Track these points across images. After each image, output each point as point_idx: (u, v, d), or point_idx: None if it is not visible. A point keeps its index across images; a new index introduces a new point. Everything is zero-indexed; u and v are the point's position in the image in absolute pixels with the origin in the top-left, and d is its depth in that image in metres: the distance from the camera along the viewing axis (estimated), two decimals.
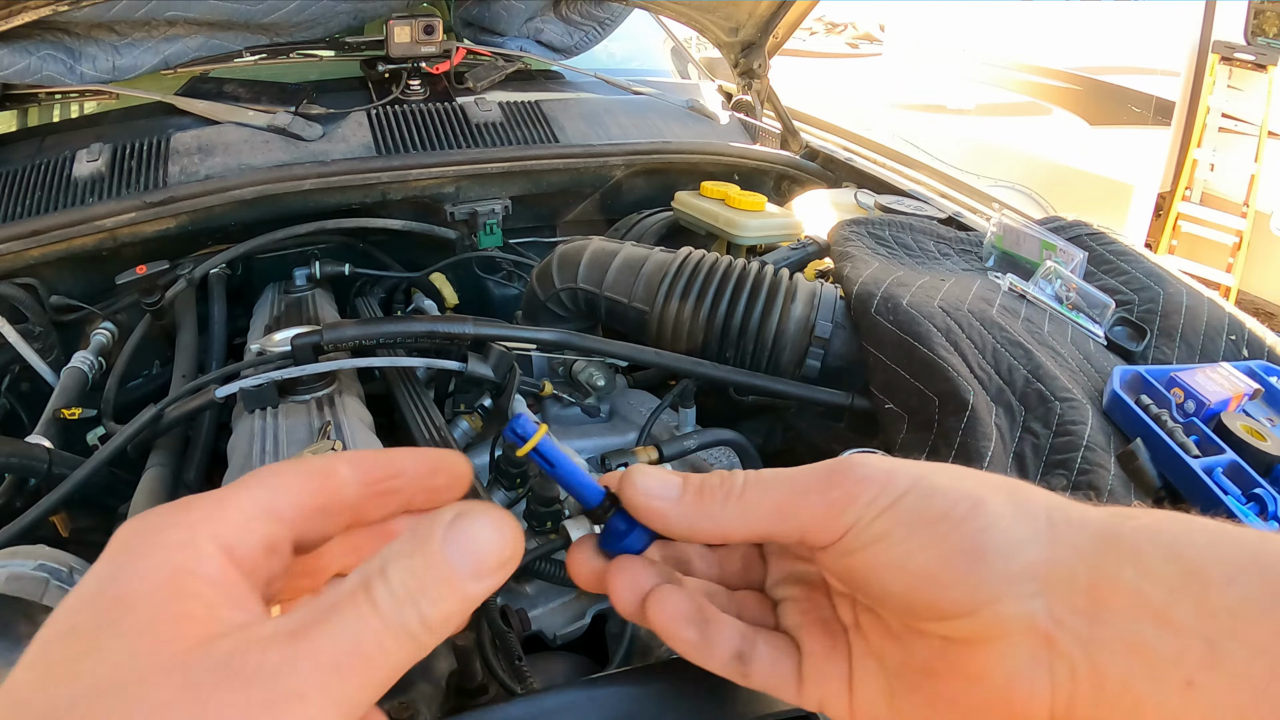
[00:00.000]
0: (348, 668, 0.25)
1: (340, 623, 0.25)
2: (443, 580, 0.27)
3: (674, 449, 0.95)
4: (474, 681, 0.69)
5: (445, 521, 0.28)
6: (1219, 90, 3.89)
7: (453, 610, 0.27)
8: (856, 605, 0.37)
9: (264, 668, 0.24)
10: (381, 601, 0.26)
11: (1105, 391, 0.93)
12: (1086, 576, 0.31)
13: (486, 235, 1.52)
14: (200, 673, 0.24)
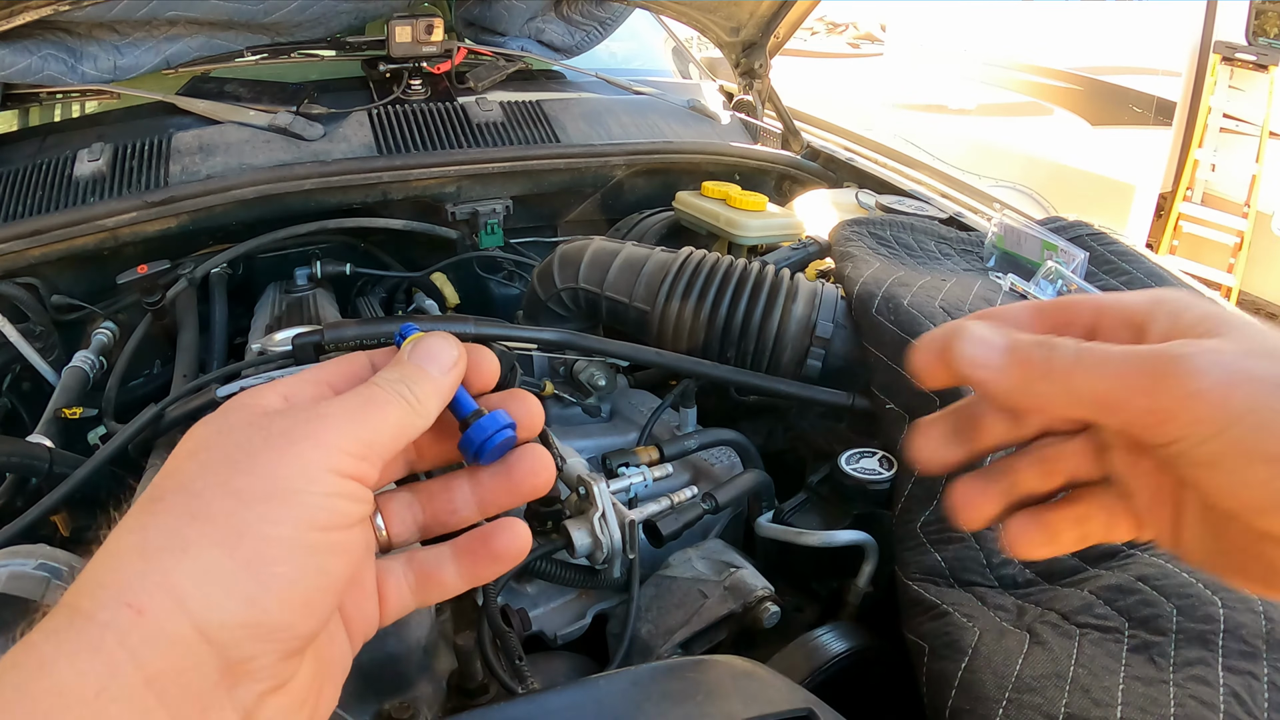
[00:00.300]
0: (365, 408, 0.35)
1: (354, 391, 0.36)
2: (417, 371, 0.38)
3: (675, 449, 0.95)
4: (475, 681, 0.69)
5: (407, 348, 0.39)
6: (1220, 90, 3.89)
7: (429, 390, 0.37)
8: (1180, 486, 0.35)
9: (307, 410, 0.34)
10: (379, 381, 0.37)
11: None
12: None
13: (487, 235, 1.52)
14: (262, 417, 0.34)
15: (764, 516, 0.95)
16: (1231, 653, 0.59)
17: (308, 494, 0.32)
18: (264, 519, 0.30)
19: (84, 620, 0.28)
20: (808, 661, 0.74)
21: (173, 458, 0.33)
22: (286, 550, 0.31)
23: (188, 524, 0.30)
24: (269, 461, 0.32)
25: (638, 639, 0.83)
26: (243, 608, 0.29)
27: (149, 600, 0.28)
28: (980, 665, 0.64)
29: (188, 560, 0.29)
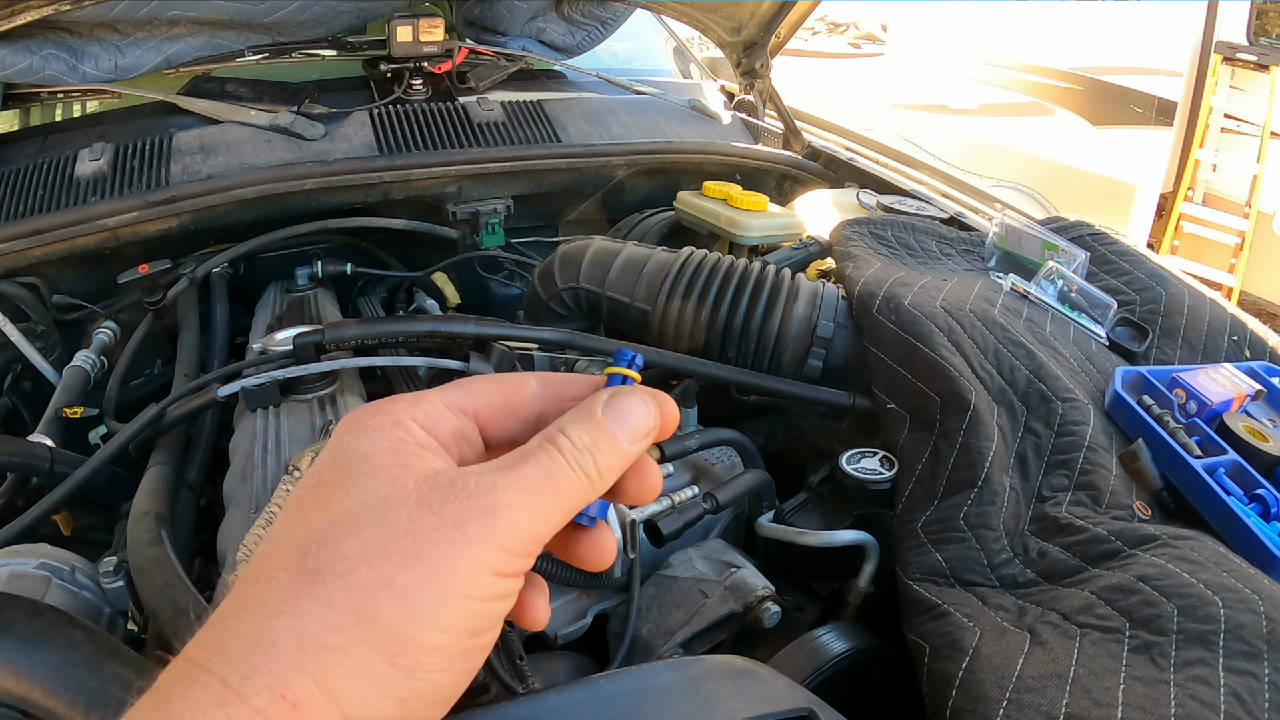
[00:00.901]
0: (544, 491, 0.33)
1: (535, 461, 0.33)
2: (608, 440, 0.35)
3: (676, 448, 0.95)
4: (475, 681, 0.69)
5: (603, 400, 0.36)
6: (1221, 90, 3.89)
7: (615, 463, 0.35)
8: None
9: (481, 486, 0.32)
10: (565, 449, 0.34)
11: (1107, 392, 0.93)
12: None
13: (488, 235, 1.52)
14: (430, 492, 0.31)
15: (765, 516, 0.95)
16: (1232, 653, 0.59)
17: (472, 600, 0.31)
18: (427, 627, 0.30)
19: (236, 701, 0.28)
20: (808, 661, 0.74)
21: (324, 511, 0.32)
22: (444, 659, 0.30)
23: (352, 624, 0.29)
24: (437, 559, 0.30)
25: (638, 639, 0.83)
26: (393, 708, 0.30)
27: (304, 695, 0.28)
28: (981, 665, 0.64)
29: (347, 662, 0.29)
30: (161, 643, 0.70)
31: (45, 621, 0.56)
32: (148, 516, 0.83)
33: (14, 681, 0.53)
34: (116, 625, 0.80)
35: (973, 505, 0.79)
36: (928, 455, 0.86)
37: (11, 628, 0.55)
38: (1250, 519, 0.76)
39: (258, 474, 0.87)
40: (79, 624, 0.58)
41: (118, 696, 0.53)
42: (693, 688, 0.50)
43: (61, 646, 0.55)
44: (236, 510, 0.85)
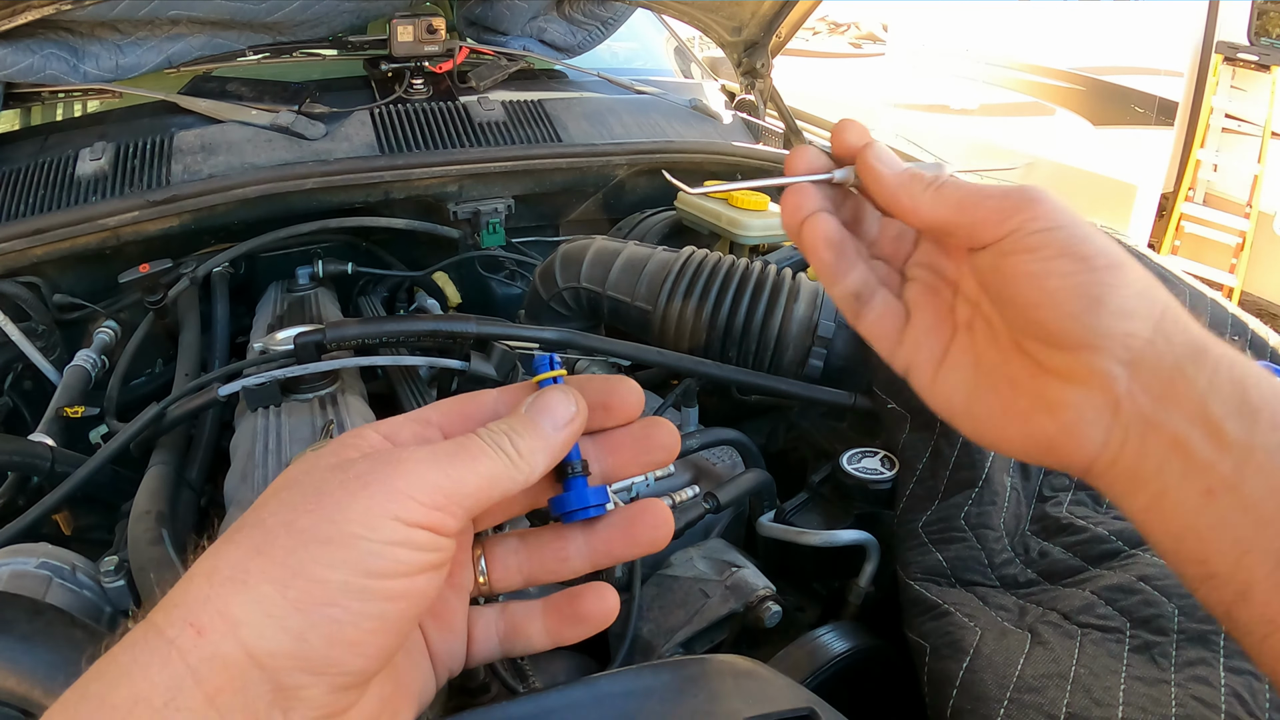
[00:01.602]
0: (455, 455, 0.35)
1: (453, 440, 0.37)
2: (526, 424, 0.38)
3: None
4: (476, 680, 0.69)
5: (528, 401, 0.39)
6: (1222, 91, 3.88)
7: (537, 445, 0.38)
8: (976, 311, 0.42)
9: (392, 453, 0.35)
10: (480, 432, 0.37)
11: None
12: (1170, 369, 0.35)
13: (489, 234, 1.52)
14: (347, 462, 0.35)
15: (765, 516, 0.95)
16: (1233, 653, 0.59)
17: (366, 541, 0.32)
18: (318, 561, 0.32)
19: (156, 634, 0.31)
20: (809, 661, 0.74)
21: (266, 490, 0.35)
22: (337, 593, 0.32)
23: (251, 558, 0.32)
24: (335, 504, 0.33)
25: (639, 638, 0.83)
26: (289, 641, 0.31)
27: (209, 623, 0.30)
28: (981, 665, 0.64)
29: (245, 592, 0.31)
30: None
31: (46, 621, 0.57)
32: (148, 516, 0.83)
33: (15, 680, 0.53)
34: (117, 624, 0.80)
35: (973, 505, 0.79)
36: (929, 455, 0.86)
37: (12, 627, 0.55)
38: None
39: (259, 473, 0.87)
40: (80, 623, 0.58)
41: None
42: (693, 687, 0.50)
43: (62, 646, 0.55)
44: (237, 510, 0.85)
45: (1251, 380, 0.35)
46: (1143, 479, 0.36)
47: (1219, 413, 0.34)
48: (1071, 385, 0.37)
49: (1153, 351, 0.36)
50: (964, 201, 0.39)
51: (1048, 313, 0.37)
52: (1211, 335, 0.37)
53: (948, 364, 0.43)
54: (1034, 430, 0.39)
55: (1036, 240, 0.37)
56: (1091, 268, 0.36)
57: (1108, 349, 0.36)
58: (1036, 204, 0.38)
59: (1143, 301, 0.36)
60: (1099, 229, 0.38)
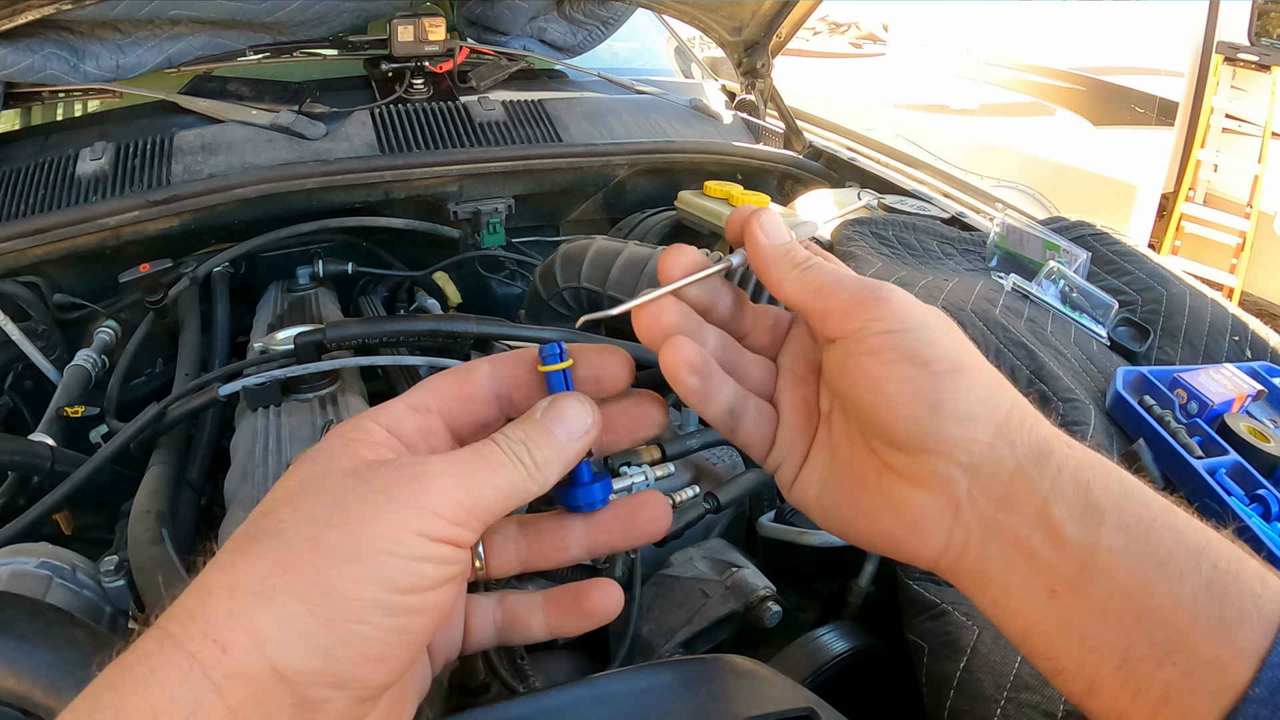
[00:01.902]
0: (475, 466, 0.35)
1: (470, 448, 0.36)
2: (543, 434, 0.38)
3: (676, 448, 0.95)
4: (476, 680, 0.69)
5: (543, 406, 0.39)
6: (1222, 91, 3.88)
7: (552, 456, 0.37)
8: (835, 403, 0.42)
9: (413, 461, 0.35)
10: (499, 440, 0.37)
11: (1108, 392, 0.93)
12: (1011, 473, 0.36)
13: (489, 234, 1.52)
14: (365, 468, 0.34)
15: (766, 516, 0.95)
16: None
17: (393, 557, 0.32)
18: (346, 578, 0.31)
19: (174, 647, 0.30)
20: (809, 661, 0.74)
21: (273, 493, 0.35)
22: (366, 610, 0.32)
23: (276, 573, 0.31)
24: (360, 519, 0.32)
25: (639, 638, 0.83)
26: (318, 658, 0.31)
27: (232, 639, 0.30)
28: (979, 665, 0.64)
29: (271, 609, 0.31)
30: None
31: (46, 620, 0.57)
32: (149, 515, 0.83)
33: (14, 680, 0.53)
34: (117, 624, 0.80)
35: None
36: None
37: (12, 626, 0.55)
38: (1251, 519, 0.76)
39: (259, 473, 0.87)
40: (80, 623, 0.58)
41: None
42: (694, 687, 0.50)
43: (62, 645, 0.55)
44: (238, 509, 0.85)
45: (1098, 482, 0.35)
46: (987, 577, 0.37)
47: (1060, 516, 0.34)
48: (914, 487, 0.38)
49: (993, 456, 0.36)
50: (822, 289, 0.39)
51: (887, 416, 0.37)
52: (1060, 435, 0.37)
53: (809, 460, 0.43)
54: (879, 528, 0.40)
55: (880, 342, 0.37)
56: (932, 373, 0.36)
57: (947, 454, 0.36)
58: (884, 303, 0.38)
59: (984, 406, 0.36)
60: (949, 330, 0.38)
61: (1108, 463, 0.36)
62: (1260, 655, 0.31)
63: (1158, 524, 0.34)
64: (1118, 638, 0.33)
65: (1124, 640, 0.33)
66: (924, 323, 0.37)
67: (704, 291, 0.43)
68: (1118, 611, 0.33)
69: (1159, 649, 0.32)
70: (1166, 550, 0.33)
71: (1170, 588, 0.32)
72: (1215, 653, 0.31)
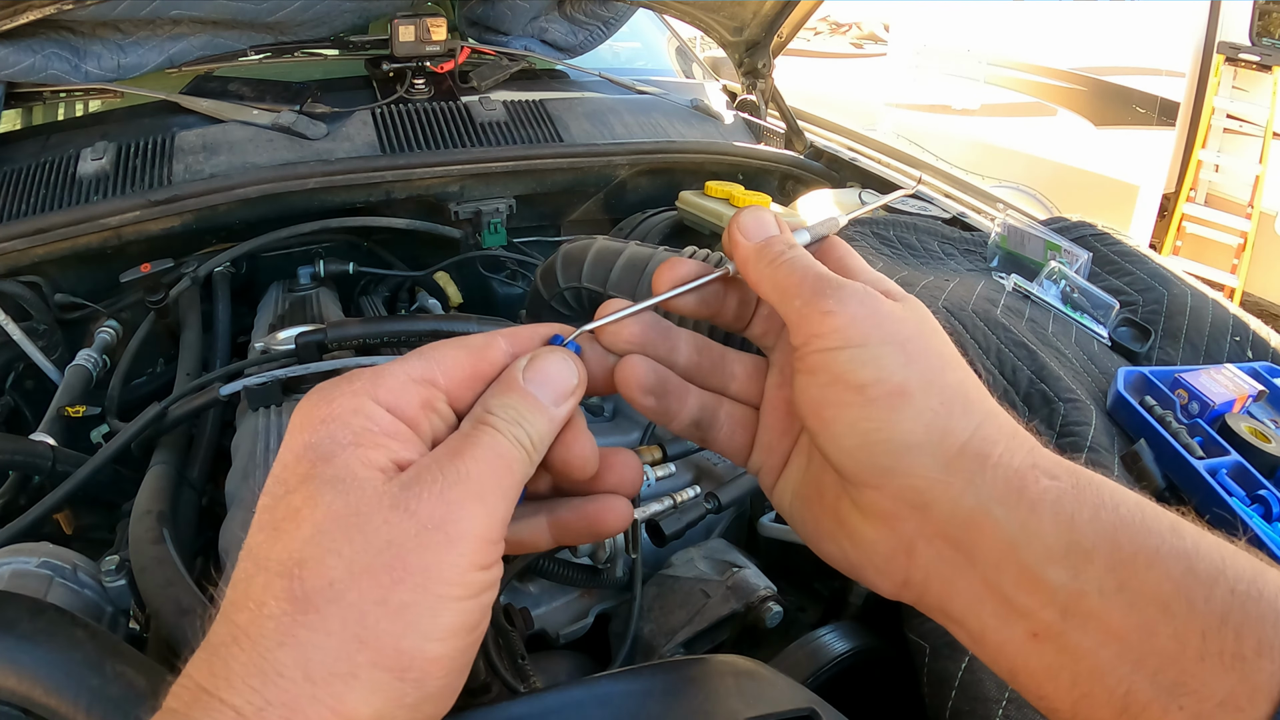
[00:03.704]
0: (498, 469, 0.32)
1: (481, 442, 0.33)
2: (533, 408, 0.35)
3: (677, 448, 0.95)
4: (477, 680, 0.69)
5: (521, 365, 0.36)
6: (1224, 91, 3.88)
7: (545, 430, 0.35)
8: None
9: (448, 478, 0.31)
10: (499, 426, 0.33)
11: (1109, 392, 0.93)
12: (969, 512, 0.33)
13: (491, 234, 1.52)
14: (401, 491, 0.31)
15: (766, 516, 0.95)
16: None
17: (465, 601, 0.31)
18: (429, 638, 0.30)
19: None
20: (810, 661, 0.73)
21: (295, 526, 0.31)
22: (448, 664, 0.31)
23: (355, 649, 0.29)
24: (424, 569, 0.30)
25: (640, 638, 0.83)
26: (406, 714, 0.30)
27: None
28: (980, 665, 0.64)
29: (359, 687, 0.29)
30: (164, 642, 0.70)
31: (47, 620, 0.56)
32: (149, 515, 0.83)
33: (15, 680, 0.53)
34: (118, 624, 0.80)
35: None
36: None
37: (13, 626, 0.55)
38: (1252, 520, 0.76)
39: (260, 473, 0.87)
40: (81, 623, 0.58)
41: (119, 695, 0.53)
42: (694, 687, 0.50)
43: (63, 645, 0.55)
44: (239, 509, 0.85)
45: (1085, 515, 0.31)
46: (956, 617, 0.34)
47: (1034, 560, 0.31)
48: (865, 519, 0.36)
49: (947, 494, 0.33)
50: (786, 289, 0.36)
51: (827, 443, 0.35)
52: (1042, 462, 0.33)
53: (789, 466, 0.41)
54: (839, 552, 0.38)
55: (816, 361, 0.35)
56: (867, 399, 0.33)
57: (891, 490, 0.34)
58: (827, 317, 0.35)
59: (931, 435, 0.33)
60: (905, 343, 0.35)
61: (1103, 488, 0.32)
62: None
63: (1162, 554, 0.30)
64: (1115, 684, 0.30)
65: (1122, 687, 0.29)
66: (866, 339, 0.34)
67: (704, 298, 0.41)
68: (1113, 658, 0.30)
69: (1164, 692, 0.29)
70: (1172, 584, 0.29)
71: (1176, 628, 0.29)
72: (1228, 691, 0.28)
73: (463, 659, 0.32)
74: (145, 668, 0.56)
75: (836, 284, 0.36)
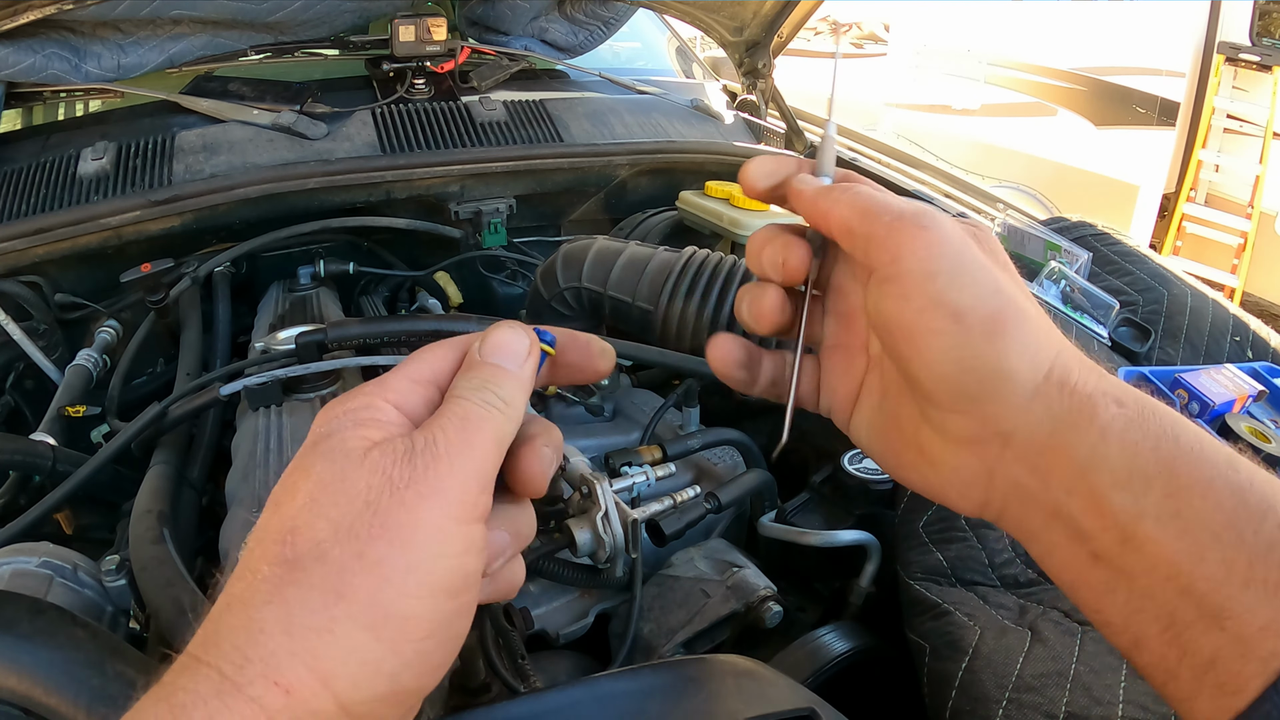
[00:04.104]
0: (468, 432, 0.34)
1: (447, 412, 0.34)
2: (495, 371, 0.36)
3: (678, 448, 0.95)
4: (477, 680, 0.69)
5: (476, 346, 0.38)
6: (1224, 91, 3.88)
7: (513, 387, 0.36)
8: None
9: (416, 444, 0.33)
10: (465, 394, 0.35)
11: None
12: (1046, 438, 0.34)
13: (491, 234, 1.52)
14: (381, 457, 0.32)
15: (766, 516, 0.95)
16: None
17: (444, 558, 0.31)
18: (405, 594, 0.30)
19: (233, 692, 0.29)
20: (810, 661, 0.74)
21: (290, 495, 0.32)
22: (426, 626, 0.31)
23: (333, 603, 0.30)
24: (400, 525, 0.31)
25: (640, 638, 0.83)
26: (384, 684, 0.30)
27: (296, 680, 0.29)
28: (980, 665, 0.64)
29: (334, 643, 0.29)
30: (164, 641, 0.70)
31: (47, 620, 0.57)
32: (150, 515, 0.83)
33: (16, 679, 0.53)
34: (118, 624, 0.80)
35: None
36: None
37: (14, 625, 0.55)
38: None
39: (260, 473, 0.87)
40: (81, 622, 0.58)
41: (120, 695, 0.53)
42: (694, 687, 0.50)
43: (64, 645, 0.55)
44: (239, 509, 0.85)
45: (1148, 443, 0.33)
46: (1029, 535, 0.36)
47: (1101, 484, 0.33)
48: (948, 445, 0.37)
49: (1028, 419, 0.34)
50: (867, 210, 0.37)
51: (920, 370, 0.35)
52: (1111, 390, 0.35)
53: (861, 402, 0.43)
54: (920, 479, 0.40)
55: (911, 284, 0.35)
56: (965, 328, 0.34)
57: (981, 417, 0.35)
58: (920, 234, 0.35)
59: (1024, 363, 0.34)
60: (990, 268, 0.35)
61: (1165, 417, 0.34)
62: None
63: (1216, 485, 0.31)
64: (1163, 604, 0.32)
65: (1169, 606, 0.32)
66: (961, 264, 0.34)
67: None
68: (1163, 579, 0.32)
69: (1208, 615, 0.31)
70: (1224, 514, 0.31)
71: (1224, 555, 0.30)
72: (1270, 618, 0.30)
73: (444, 629, 0.32)
74: (145, 667, 0.56)
75: (919, 206, 0.36)
